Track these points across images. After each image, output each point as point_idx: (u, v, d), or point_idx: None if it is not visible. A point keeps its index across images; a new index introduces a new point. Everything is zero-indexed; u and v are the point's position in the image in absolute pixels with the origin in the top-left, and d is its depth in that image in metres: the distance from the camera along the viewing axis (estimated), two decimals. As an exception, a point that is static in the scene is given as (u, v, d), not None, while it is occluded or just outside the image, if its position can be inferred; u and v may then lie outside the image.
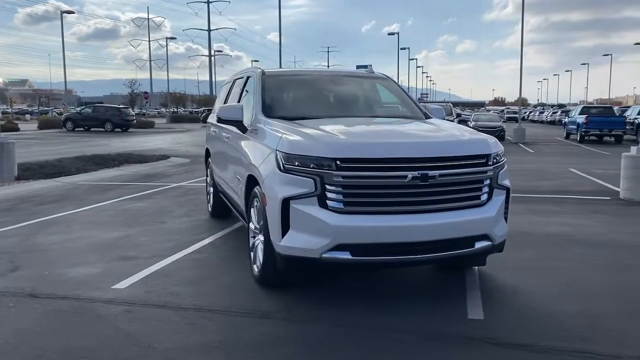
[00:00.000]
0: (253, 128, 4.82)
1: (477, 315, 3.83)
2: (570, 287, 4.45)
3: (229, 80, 7.34)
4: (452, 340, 3.45)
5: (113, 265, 5.03)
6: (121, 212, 7.58)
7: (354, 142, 3.99)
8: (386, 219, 3.82)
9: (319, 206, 3.81)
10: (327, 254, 3.80)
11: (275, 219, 3.92)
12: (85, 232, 6.38)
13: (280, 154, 3.97)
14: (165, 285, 4.45)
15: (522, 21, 26.46)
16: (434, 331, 3.58)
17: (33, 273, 4.80)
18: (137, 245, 5.75)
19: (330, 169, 3.76)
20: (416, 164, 3.82)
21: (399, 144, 4.00)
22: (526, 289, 4.37)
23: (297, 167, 3.86)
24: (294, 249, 3.88)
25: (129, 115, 32.42)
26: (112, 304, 4.04)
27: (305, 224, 3.83)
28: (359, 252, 3.81)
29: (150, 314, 3.86)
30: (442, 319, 3.79)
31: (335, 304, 4.08)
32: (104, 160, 13.78)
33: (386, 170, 3.80)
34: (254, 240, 4.60)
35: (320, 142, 3.92)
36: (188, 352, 3.27)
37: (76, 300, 4.13)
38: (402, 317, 3.81)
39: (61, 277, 4.68)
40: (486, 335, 3.50)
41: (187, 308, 3.97)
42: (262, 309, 3.95)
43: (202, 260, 5.22)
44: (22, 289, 4.36)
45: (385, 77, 5.93)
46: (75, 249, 5.65)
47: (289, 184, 3.88)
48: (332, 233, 3.76)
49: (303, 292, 4.30)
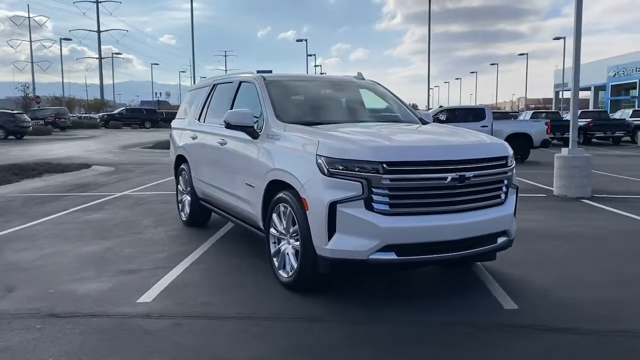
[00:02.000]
0: (269, 134, 4.80)
1: (511, 305, 4.12)
2: (569, 276, 4.88)
3: (202, 85, 7.18)
4: (507, 329, 3.69)
5: (120, 279, 4.78)
6: (84, 225, 7.14)
7: (399, 146, 4.14)
8: (428, 219, 4.01)
9: (365, 209, 3.90)
10: (375, 255, 3.91)
11: (321, 223, 3.96)
12: (58, 246, 5.96)
13: (324, 158, 4.01)
14: (193, 296, 4.32)
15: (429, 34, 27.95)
16: (484, 323, 3.81)
17: (35, 292, 4.44)
18: (129, 258, 5.48)
19: (377, 173, 3.87)
20: (454, 166, 4.05)
21: (439, 147, 4.20)
22: (535, 280, 4.73)
23: (343, 171, 3.93)
24: (341, 252, 3.94)
25: (24, 122, 30.01)
26: (152, 319, 3.87)
27: (353, 227, 3.91)
28: (403, 252, 3.96)
29: (200, 326, 3.75)
30: (482, 311, 4.03)
31: (372, 304, 4.17)
32: (22, 170, 12.80)
33: (429, 173, 3.98)
34: (278, 246, 4.58)
35: (367, 147, 4.02)
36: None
37: (108, 317, 3.90)
38: (444, 313, 3.99)
39: (72, 295, 4.38)
40: (532, 322, 3.78)
41: (233, 317, 3.90)
42: (310, 313, 3.97)
43: (210, 270, 5.09)
44: (37, 310, 4.03)
45: (378, 84, 6.13)
46: (62, 264, 5.27)
47: (335, 188, 3.94)
48: (381, 235, 3.87)
49: (333, 296, 4.35)
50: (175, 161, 7.35)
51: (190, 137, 6.71)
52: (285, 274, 4.48)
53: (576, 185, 9.40)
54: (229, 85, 6.10)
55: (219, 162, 5.77)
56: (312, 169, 4.07)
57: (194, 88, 7.68)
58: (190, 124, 6.88)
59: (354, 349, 3.42)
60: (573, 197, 9.27)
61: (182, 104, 7.88)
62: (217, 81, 6.60)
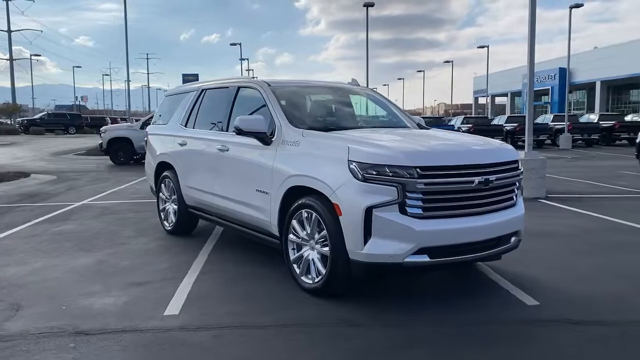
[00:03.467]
0: (285, 140, 4.78)
1: (533, 302, 4.33)
2: (567, 271, 5.18)
3: (184, 90, 7.02)
4: (537, 324, 3.88)
5: (133, 293, 4.59)
6: (59, 237, 6.76)
7: (432, 151, 4.25)
8: (457, 222, 4.15)
9: (399, 213, 3.99)
10: (410, 258, 4.00)
11: (356, 227, 4.01)
12: (44, 260, 5.62)
13: (357, 163, 4.05)
14: (218, 307, 4.23)
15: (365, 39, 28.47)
16: (516, 319, 3.99)
17: (46, 309, 4.19)
18: (129, 270, 5.27)
19: (412, 177, 3.97)
20: (480, 170, 4.22)
21: (467, 152, 4.35)
22: (543, 278, 4.97)
23: (378, 176, 3.99)
24: (377, 256, 4.00)
25: None
26: (189, 331, 3.76)
27: (388, 231, 3.98)
28: (435, 254, 4.08)
29: (242, 336, 3.68)
30: (509, 309, 4.21)
31: (401, 307, 4.24)
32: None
33: (458, 177, 4.13)
34: (300, 252, 4.58)
35: (401, 152, 4.10)
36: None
37: (141, 332, 3.75)
38: (474, 312, 4.13)
39: (89, 311, 4.16)
40: (559, 316, 4.01)
41: (270, 325, 3.86)
42: (345, 318, 4.00)
43: (222, 279, 4.98)
44: (60, 328, 3.81)
45: (374, 90, 6.24)
46: (61, 279, 4.99)
47: (370, 193, 3.99)
48: (416, 238, 3.97)
49: (360, 299, 4.39)
50: (155, 168, 7.11)
51: (177, 144, 6.53)
52: (309, 280, 4.48)
53: (533, 186, 9.94)
54: (224, 90, 6.00)
55: (219, 169, 5.65)
56: (344, 175, 4.11)
57: (172, 93, 7.47)
58: (175, 129, 6.70)
59: (406, 350, 3.48)
60: (530, 197, 9.79)
61: (160, 109, 7.64)
62: (205, 86, 6.47)
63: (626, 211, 8.40)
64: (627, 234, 6.89)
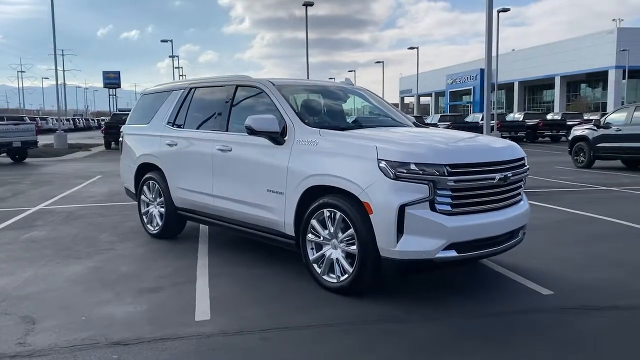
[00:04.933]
0: (301, 140, 4.74)
1: (548, 291, 4.55)
2: (565, 261, 5.47)
3: (167, 88, 6.78)
4: (560, 312, 4.10)
5: (150, 299, 4.41)
6: (34, 245, 6.35)
7: (458, 149, 4.38)
8: (481, 217, 4.31)
9: (430, 210, 4.09)
10: (440, 253, 4.11)
11: (389, 225, 4.06)
12: (31, 270, 5.27)
13: (387, 162, 4.11)
14: (247, 309, 4.15)
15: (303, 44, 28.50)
16: (539, 308, 4.18)
17: (64, 321, 3.94)
18: (132, 276, 5.05)
19: (442, 175, 4.08)
20: (499, 167, 4.40)
21: (488, 150, 4.52)
22: (545, 269, 5.20)
23: (409, 174, 4.07)
24: (410, 253, 4.08)
25: None
26: (233, 335, 3.67)
27: (420, 228, 4.06)
28: (462, 249, 4.21)
29: (291, 338, 3.64)
30: (526, 299, 4.40)
31: (427, 303, 4.33)
32: None
33: (482, 173, 4.29)
34: (321, 252, 4.58)
35: (431, 150, 4.20)
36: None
37: (181, 339, 3.61)
38: (497, 304, 4.28)
39: (112, 320, 3.96)
40: (575, 304, 4.25)
41: (314, 325, 3.83)
42: (387, 314, 4.04)
43: (236, 282, 4.86)
44: (92, 339, 3.61)
45: (368, 90, 6.31)
46: (62, 289, 4.71)
47: (402, 191, 4.06)
48: (447, 234, 4.08)
49: (388, 296, 4.45)
50: (136, 170, 6.83)
51: (164, 144, 6.30)
52: (333, 279, 4.48)
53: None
54: (218, 89, 5.87)
55: (220, 170, 5.51)
56: (374, 173, 4.15)
57: (152, 92, 7.19)
58: (160, 129, 6.46)
59: (463, 341, 3.58)
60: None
61: (136, 109, 7.34)
62: (194, 85, 6.29)
63: (583, 203, 8.97)
64: (596, 224, 7.37)
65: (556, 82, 57.99)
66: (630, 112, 14.87)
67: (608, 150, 15.24)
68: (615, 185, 11.70)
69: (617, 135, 14.89)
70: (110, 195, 10.51)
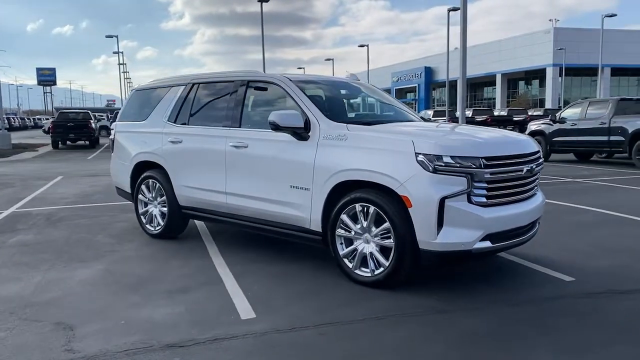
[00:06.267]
0: (328, 135, 4.72)
1: (569, 278, 4.73)
2: (571, 250, 5.66)
3: (166, 84, 6.58)
4: (590, 297, 4.28)
5: (183, 300, 4.28)
6: (26, 249, 6.03)
7: (491, 142, 4.49)
8: (511, 208, 4.44)
9: (467, 202, 4.18)
10: (477, 244, 4.21)
11: (429, 218, 4.12)
12: (39, 275, 5.01)
13: (425, 155, 4.16)
14: (290, 306, 4.11)
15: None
16: (566, 294, 4.34)
17: (106, 326, 3.77)
18: (153, 278, 4.89)
19: (479, 167, 4.18)
20: (525, 159, 4.56)
21: (515, 143, 4.64)
22: (556, 257, 5.36)
23: (448, 167, 4.13)
24: (450, 244, 4.15)
25: None
26: (287, 332, 3.62)
27: (459, 220, 4.15)
28: (495, 239, 4.32)
29: (347, 332, 3.63)
30: (552, 286, 4.55)
31: (462, 294, 4.39)
32: None
33: (513, 165, 4.42)
34: (353, 246, 4.58)
35: (467, 143, 4.29)
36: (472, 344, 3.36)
37: (236, 338, 3.53)
38: (521, 292, 4.38)
39: (153, 322, 3.82)
40: (599, 289, 4.44)
41: (366, 319, 3.83)
42: (422, 305, 4.09)
43: (263, 279, 4.78)
44: (144, 342, 3.47)
45: (374, 86, 6.35)
46: (84, 293, 4.51)
47: (442, 184, 4.12)
48: (484, 225, 4.19)
49: (418, 288, 4.51)
50: (133, 169, 6.60)
51: (167, 141, 6.12)
52: (366, 273, 4.50)
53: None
54: (228, 85, 5.74)
55: (235, 167, 5.40)
56: (412, 167, 4.19)
57: (146, 88, 6.95)
58: (160, 126, 6.27)
59: (517, 326, 3.69)
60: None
61: (129, 105, 7.08)
62: (197, 80, 6.14)
63: (560, 194, 9.37)
64: (582, 214, 7.72)
65: (497, 79, 60.11)
66: (585, 108, 15.63)
67: (564, 143, 15.98)
68: (579, 177, 12.28)
69: (572, 129, 15.62)
70: (82, 196, 10.11)
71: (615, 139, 14.43)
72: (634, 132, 13.96)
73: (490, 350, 3.37)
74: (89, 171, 14.94)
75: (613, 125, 14.46)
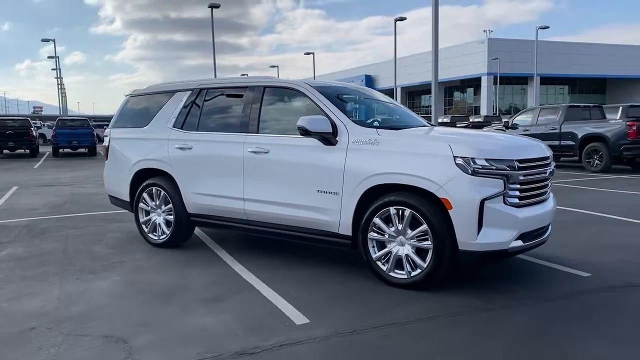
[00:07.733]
0: (357, 139, 4.78)
1: (585, 274, 5.00)
2: (578, 248, 5.92)
3: (169, 89, 6.42)
4: (609, 290, 4.54)
5: (225, 309, 4.21)
6: (23, 262, 5.70)
7: (519, 146, 4.69)
8: (536, 208, 4.65)
9: (503, 203, 4.36)
10: (513, 243, 4.39)
11: (470, 219, 4.26)
12: (53, 288, 4.78)
13: (464, 159, 4.30)
14: (338, 310, 4.13)
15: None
16: (586, 289, 4.58)
17: (159, 337, 3.67)
18: (181, 287, 4.77)
19: (514, 170, 4.37)
20: (547, 161, 4.81)
21: (537, 147, 4.85)
22: (564, 255, 5.63)
23: (486, 170, 4.30)
24: (489, 244, 4.31)
25: None
26: (351, 335, 3.65)
27: (496, 220, 4.31)
28: (526, 238, 4.53)
29: (409, 332, 3.71)
30: (571, 282, 4.79)
31: (492, 292, 4.54)
32: None
33: (539, 167, 4.66)
34: (387, 249, 4.65)
35: (500, 147, 4.49)
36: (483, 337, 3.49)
37: (305, 343, 3.52)
38: (545, 289, 4.59)
39: (211, 332, 3.74)
40: (621, 282, 4.73)
41: (418, 320, 3.91)
42: (464, 304, 4.21)
43: (295, 284, 4.76)
44: (211, 352, 3.40)
45: (382, 93, 6.46)
46: (116, 305, 4.34)
47: (481, 186, 4.28)
48: (519, 225, 4.38)
49: (451, 288, 4.63)
50: (133, 177, 6.39)
51: (174, 148, 5.97)
52: (402, 275, 4.59)
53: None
54: (242, 91, 5.67)
55: (254, 172, 5.35)
56: (451, 170, 4.32)
57: (145, 93, 6.74)
58: (164, 132, 6.11)
59: (559, 323, 3.85)
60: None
61: (123, 111, 6.84)
62: (205, 86, 6.04)
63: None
64: (567, 214, 8.09)
65: (434, 87, 61.94)
66: (536, 114, 16.45)
67: (517, 149, 16.69)
68: (539, 180, 12.87)
69: (525, 135, 16.37)
70: (52, 207, 9.64)
71: (566, 143, 15.26)
72: (584, 137, 14.82)
73: (547, 343, 3.53)
74: (42, 181, 14.25)
75: (564, 130, 15.29)
